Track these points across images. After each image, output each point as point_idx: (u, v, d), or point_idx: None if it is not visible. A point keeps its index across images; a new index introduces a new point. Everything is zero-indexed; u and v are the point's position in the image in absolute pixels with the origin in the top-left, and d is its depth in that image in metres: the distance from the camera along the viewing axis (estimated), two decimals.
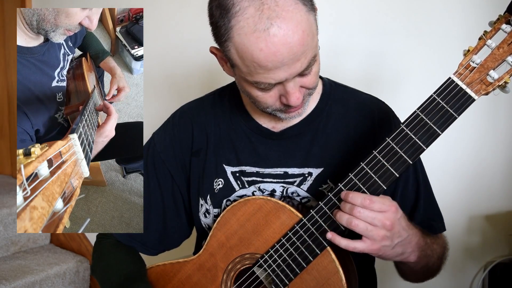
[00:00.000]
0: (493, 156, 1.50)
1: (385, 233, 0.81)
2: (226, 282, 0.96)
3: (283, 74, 0.81)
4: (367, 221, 0.80)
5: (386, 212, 0.81)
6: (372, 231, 0.80)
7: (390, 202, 0.82)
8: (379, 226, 0.80)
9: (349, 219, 0.81)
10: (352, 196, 0.81)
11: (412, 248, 0.87)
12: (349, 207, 0.81)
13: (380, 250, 0.82)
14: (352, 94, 1.04)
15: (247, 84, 0.87)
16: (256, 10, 0.76)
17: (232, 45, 0.81)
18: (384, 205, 0.81)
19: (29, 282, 1.87)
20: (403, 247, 0.85)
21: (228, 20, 0.79)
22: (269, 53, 0.77)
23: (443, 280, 1.56)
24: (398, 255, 0.86)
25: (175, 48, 1.87)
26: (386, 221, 0.80)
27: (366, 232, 0.80)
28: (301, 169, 0.98)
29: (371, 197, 0.80)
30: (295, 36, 0.77)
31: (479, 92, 0.78)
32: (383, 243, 0.81)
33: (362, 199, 0.80)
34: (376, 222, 0.80)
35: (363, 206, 0.80)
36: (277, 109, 0.90)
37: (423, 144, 0.80)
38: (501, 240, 1.54)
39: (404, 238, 0.84)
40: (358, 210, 0.80)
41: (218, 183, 1.02)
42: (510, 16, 0.76)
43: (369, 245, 0.81)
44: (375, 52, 1.53)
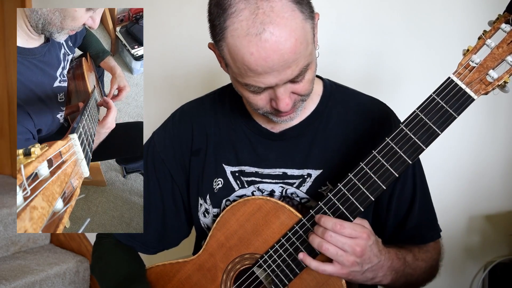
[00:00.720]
0: (493, 156, 1.50)
1: (355, 259, 0.82)
2: (226, 282, 0.96)
3: (272, 79, 0.80)
4: (337, 246, 0.82)
5: (356, 238, 0.82)
6: (342, 256, 0.82)
7: (361, 229, 0.83)
8: (349, 252, 0.81)
9: (320, 243, 0.82)
10: (324, 220, 0.82)
11: (383, 272, 0.87)
12: (321, 230, 0.83)
13: (349, 274, 0.83)
14: (352, 96, 1.03)
15: (239, 85, 0.87)
16: (251, 13, 0.76)
17: (225, 45, 0.80)
18: (355, 231, 0.82)
19: (29, 282, 1.87)
20: (373, 272, 0.86)
21: (224, 20, 0.78)
22: (259, 58, 0.77)
23: (443, 280, 1.56)
24: (368, 279, 0.87)
25: (175, 48, 1.87)
26: (356, 247, 0.81)
27: (336, 257, 0.82)
28: (300, 170, 0.98)
29: (342, 223, 0.82)
30: (287, 44, 0.77)
31: (479, 92, 0.78)
32: (353, 269, 0.83)
33: (333, 224, 0.81)
34: (346, 248, 0.81)
35: (333, 231, 0.81)
36: (268, 112, 0.90)
37: (422, 144, 0.80)
38: (501, 240, 1.54)
39: (375, 264, 0.85)
40: (329, 234, 0.81)
41: (217, 183, 1.02)
42: (509, 15, 0.76)
43: (338, 269, 0.83)
44: (375, 52, 1.53)
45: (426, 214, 1.01)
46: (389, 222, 0.99)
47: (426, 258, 0.97)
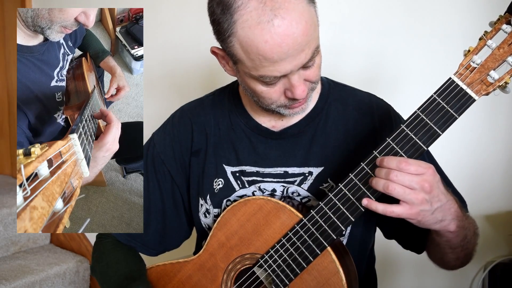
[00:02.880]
0: (493, 156, 1.50)
1: (424, 196, 0.77)
2: (226, 282, 0.96)
3: (288, 65, 0.81)
4: (404, 185, 0.77)
5: (423, 174, 0.77)
6: (410, 194, 0.77)
7: (426, 165, 0.78)
8: (417, 189, 0.77)
9: (385, 184, 0.77)
10: (388, 160, 0.78)
11: (452, 216, 0.82)
12: (385, 171, 0.78)
13: (419, 214, 0.78)
14: (350, 93, 1.04)
15: (252, 80, 0.87)
16: (258, 3, 0.77)
17: (236, 40, 0.81)
18: (420, 167, 0.77)
19: (29, 282, 1.87)
20: (442, 213, 0.81)
21: (231, 15, 0.79)
22: (274, 45, 0.78)
23: (443, 280, 1.56)
24: (437, 221, 0.81)
25: (175, 48, 1.87)
26: (425, 183, 0.77)
27: (404, 195, 0.77)
28: (301, 168, 0.98)
29: (407, 160, 0.77)
30: (298, 27, 0.78)
31: (480, 93, 0.78)
32: (422, 207, 0.78)
33: (398, 162, 0.77)
34: (414, 185, 0.77)
35: (399, 169, 0.76)
36: (282, 105, 0.90)
37: (423, 145, 0.80)
38: (501, 240, 1.54)
39: (444, 204, 0.80)
40: (394, 173, 0.76)
41: (218, 183, 1.01)
42: (510, 16, 0.76)
43: (407, 209, 0.78)
44: (375, 52, 1.53)
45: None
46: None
47: (471, 221, 0.93)
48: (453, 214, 0.83)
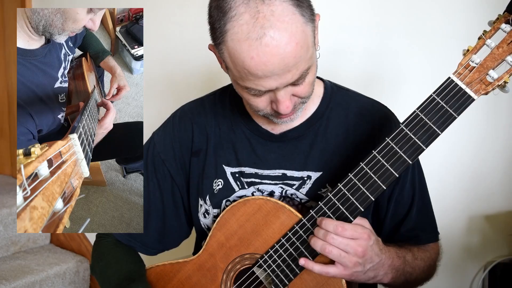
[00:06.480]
0: (493, 156, 1.50)
1: (357, 260, 0.83)
2: (226, 282, 0.96)
3: (274, 83, 0.80)
4: (340, 248, 0.82)
5: (358, 239, 0.83)
6: (345, 257, 0.82)
7: (362, 229, 0.84)
8: (351, 253, 0.82)
9: (323, 245, 0.83)
10: (326, 222, 0.83)
11: (384, 271, 0.88)
12: (322, 233, 0.83)
13: (352, 275, 0.84)
14: (353, 98, 1.03)
15: (239, 87, 0.87)
16: (251, 17, 0.75)
17: (225, 48, 0.80)
18: (356, 232, 0.83)
19: (29, 282, 1.87)
20: (375, 271, 0.87)
21: (224, 23, 0.78)
22: (259, 62, 0.77)
23: (443, 280, 1.56)
24: (370, 278, 0.88)
25: (175, 48, 1.87)
26: (358, 248, 0.82)
27: (339, 258, 0.83)
28: (300, 172, 0.98)
29: (343, 225, 0.82)
30: (287, 48, 0.76)
31: (479, 92, 0.78)
32: (355, 269, 0.83)
33: (334, 226, 0.82)
34: (348, 249, 0.82)
35: (335, 233, 0.82)
36: (268, 113, 0.90)
37: (422, 144, 0.80)
38: (501, 240, 1.54)
39: (376, 263, 0.86)
40: (331, 236, 0.82)
41: (217, 184, 1.02)
42: (509, 15, 0.76)
43: (341, 271, 0.84)
44: (375, 52, 1.53)
45: (424, 217, 1.01)
46: (386, 222, 1.00)
47: (424, 257, 0.98)
48: (386, 269, 0.89)
